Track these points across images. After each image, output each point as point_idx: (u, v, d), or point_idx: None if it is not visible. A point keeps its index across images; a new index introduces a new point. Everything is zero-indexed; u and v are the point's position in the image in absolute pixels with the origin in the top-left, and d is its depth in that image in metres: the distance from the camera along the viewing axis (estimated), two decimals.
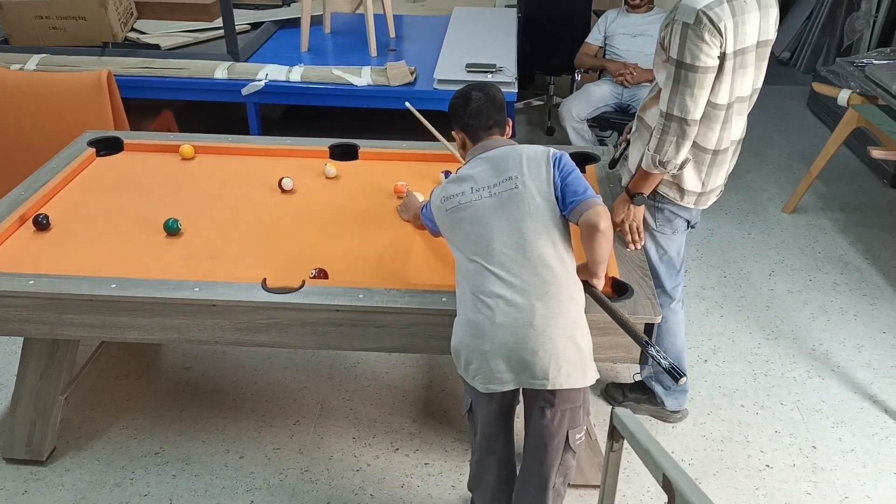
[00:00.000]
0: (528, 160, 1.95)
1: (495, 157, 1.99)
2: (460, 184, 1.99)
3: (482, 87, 2.09)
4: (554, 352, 1.80)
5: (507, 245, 1.87)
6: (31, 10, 3.82)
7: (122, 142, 3.00)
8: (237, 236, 2.44)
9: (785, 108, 5.70)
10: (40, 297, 2.13)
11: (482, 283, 1.86)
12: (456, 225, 1.97)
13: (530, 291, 1.82)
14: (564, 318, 1.83)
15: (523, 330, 1.80)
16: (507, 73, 3.60)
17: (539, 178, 1.93)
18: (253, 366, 3.02)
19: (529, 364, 1.80)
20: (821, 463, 2.61)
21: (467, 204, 1.95)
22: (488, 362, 1.83)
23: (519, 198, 1.91)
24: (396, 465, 2.58)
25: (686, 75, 2.10)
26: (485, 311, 1.83)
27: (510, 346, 1.80)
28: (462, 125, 2.08)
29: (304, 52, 4.06)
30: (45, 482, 2.50)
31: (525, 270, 1.84)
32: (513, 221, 1.89)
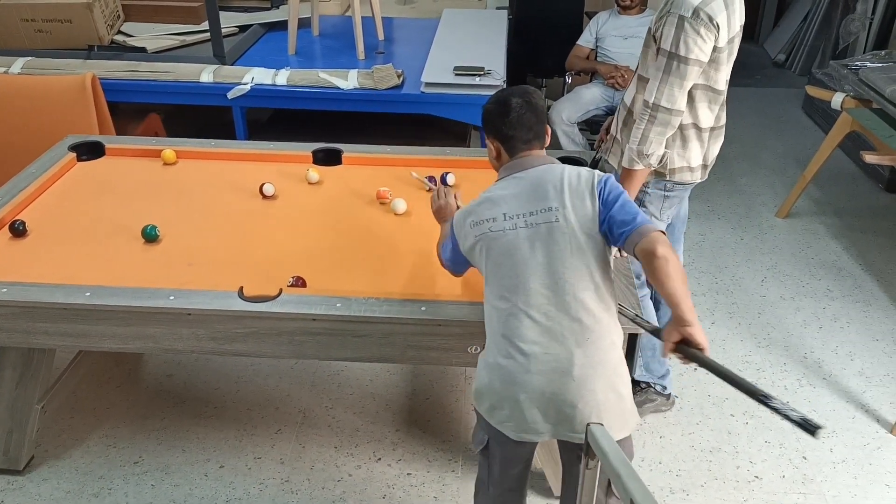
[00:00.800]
0: (570, 189, 1.75)
1: (533, 180, 1.79)
2: (492, 207, 1.80)
3: (523, 92, 1.87)
4: (595, 404, 1.67)
5: (544, 286, 1.70)
6: (16, 12, 3.78)
7: (104, 146, 2.96)
8: (216, 243, 2.40)
9: (780, 110, 5.67)
10: (13, 306, 2.09)
11: (516, 327, 1.70)
12: (485, 255, 1.79)
13: (569, 338, 1.67)
14: (605, 366, 1.69)
15: (561, 380, 1.66)
16: (495, 75, 3.56)
17: (583, 211, 1.73)
18: (236, 373, 2.98)
19: (568, 417, 1.68)
20: (811, 474, 2.57)
21: (499, 233, 1.76)
22: (522, 412, 1.70)
23: (560, 233, 1.72)
24: (378, 476, 2.54)
25: (678, 66, 2.13)
26: (518, 358, 1.69)
27: (547, 396, 1.67)
28: (499, 135, 1.87)
29: (292, 55, 4.02)
30: (21, 492, 2.46)
31: (563, 315, 1.68)
32: (551, 259, 1.71)
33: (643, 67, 2.32)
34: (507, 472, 1.89)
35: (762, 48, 7.01)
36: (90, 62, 3.72)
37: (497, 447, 1.84)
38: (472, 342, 2.03)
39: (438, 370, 3.00)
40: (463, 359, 2.06)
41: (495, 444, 1.84)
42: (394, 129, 3.84)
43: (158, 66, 3.69)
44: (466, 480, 2.51)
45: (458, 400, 2.86)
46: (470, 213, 1.85)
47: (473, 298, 2.07)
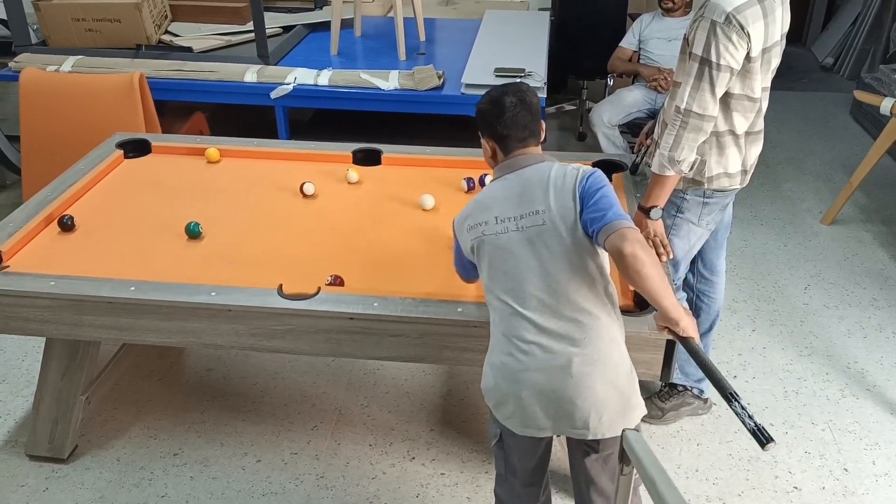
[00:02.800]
0: (555, 190, 1.76)
1: (523, 181, 1.80)
2: (484, 210, 1.82)
3: (516, 90, 1.87)
4: (594, 400, 1.68)
5: (539, 288, 1.71)
6: (68, 12, 3.88)
7: (150, 144, 3.02)
8: (256, 241, 2.44)
9: (827, 115, 5.55)
10: (61, 299, 2.15)
11: (516, 328, 1.73)
12: (481, 257, 1.82)
13: (566, 338, 1.69)
14: (604, 363, 1.70)
15: (560, 378, 1.68)
16: (536, 77, 3.55)
17: (566, 212, 1.74)
18: (274, 369, 3.02)
19: (568, 413, 1.70)
20: (852, 486, 2.52)
21: (493, 236, 1.78)
22: (525, 409, 1.72)
23: (548, 235, 1.73)
24: (412, 475, 2.55)
25: (709, 72, 2.10)
26: (519, 357, 1.71)
27: (547, 394, 1.70)
28: (493, 135, 1.87)
29: (334, 55, 4.06)
30: (65, 480, 2.53)
31: (559, 316, 1.70)
32: (543, 262, 1.72)
33: (678, 71, 2.28)
34: (522, 466, 1.91)
35: (809, 51, 6.87)
36: (138, 61, 3.80)
37: (510, 440, 1.87)
38: None
39: (473, 371, 3.00)
40: None
41: (508, 437, 1.87)
42: (433, 130, 3.85)
43: (204, 66, 3.76)
44: None
45: None
46: (466, 216, 1.87)
47: None
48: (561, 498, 2.46)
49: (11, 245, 2.33)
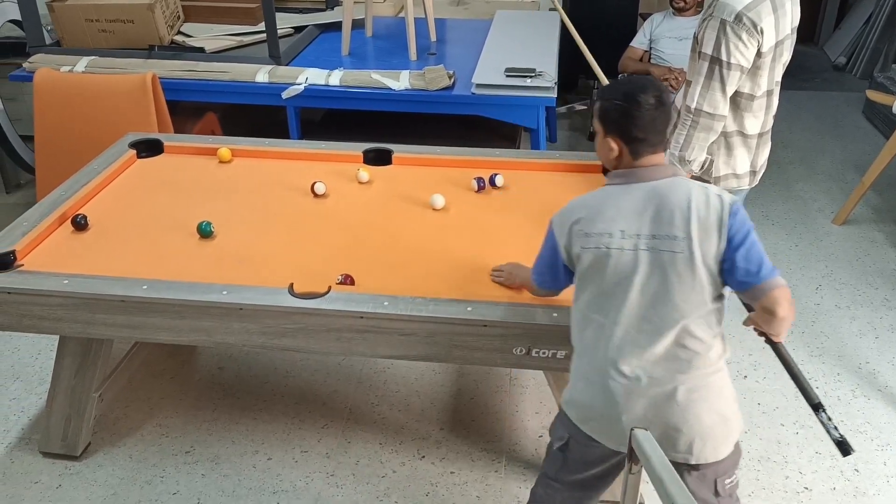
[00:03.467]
0: (698, 219, 1.63)
1: (655, 197, 1.66)
2: (604, 220, 1.68)
3: (654, 86, 1.69)
4: (699, 428, 1.65)
5: (655, 313, 1.63)
6: (82, 12, 3.91)
7: (163, 144, 3.05)
8: (267, 240, 2.45)
9: (839, 115, 5.52)
10: (74, 297, 2.17)
11: (620, 350, 1.65)
12: (591, 268, 1.69)
13: (674, 365, 1.64)
14: (709, 389, 1.65)
15: (666, 405, 1.64)
16: (546, 77, 3.56)
17: (709, 246, 1.63)
18: (285, 368, 3.04)
19: (672, 439, 1.66)
20: (863, 487, 2.51)
21: (617, 251, 1.65)
22: (623, 431, 1.63)
23: (682, 264, 1.62)
24: (422, 473, 2.56)
25: (719, 71, 2.13)
26: (621, 381, 1.65)
27: (650, 419, 1.65)
28: (625, 136, 1.69)
29: (345, 55, 4.07)
30: (78, 477, 2.55)
31: (671, 342, 1.64)
32: (668, 288, 1.63)
33: (689, 69, 2.30)
34: (585, 472, 1.85)
35: (822, 50, 6.84)
36: (151, 62, 3.82)
37: (579, 448, 1.80)
38: (517, 344, 2.03)
39: (483, 370, 3.01)
40: (508, 360, 2.07)
41: (577, 445, 1.80)
42: (444, 130, 3.86)
43: (216, 66, 3.78)
44: (509, 481, 2.52)
45: (502, 401, 2.86)
46: (577, 220, 1.72)
47: (519, 300, 2.08)
48: None
49: (26, 244, 2.35)
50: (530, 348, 2.03)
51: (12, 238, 2.37)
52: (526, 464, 2.58)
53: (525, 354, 2.04)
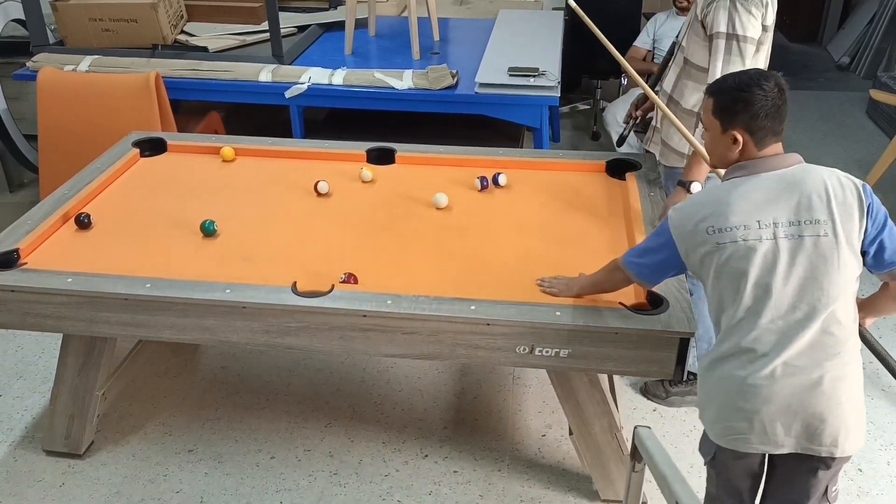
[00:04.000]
0: (837, 201, 1.64)
1: (788, 183, 1.67)
2: (740, 214, 1.66)
3: (774, 75, 1.72)
4: (843, 418, 1.63)
5: (801, 300, 1.62)
6: (85, 12, 3.92)
7: (166, 143, 3.05)
8: (271, 239, 2.45)
9: (843, 115, 5.51)
10: (77, 296, 2.17)
11: (761, 338, 1.63)
12: (727, 263, 1.66)
13: (820, 352, 1.62)
14: (851, 378, 1.65)
15: (810, 394, 1.61)
16: (550, 76, 3.55)
17: (851, 226, 1.64)
18: (288, 366, 3.04)
19: (817, 431, 1.63)
20: (866, 487, 2.50)
21: (755, 241, 1.64)
22: (764, 426, 1.64)
23: (827, 248, 1.63)
24: (425, 472, 2.56)
25: (736, 46, 2.25)
26: (764, 371, 1.62)
27: (794, 409, 1.62)
28: (750, 126, 1.69)
29: (348, 55, 4.07)
30: (81, 475, 2.56)
31: (817, 329, 1.62)
32: (815, 274, 1.62)
33: (690, 53, 2.41)
34: (742, 487, 1.82)
35: (825, 50, 6.83)
36: (154, 61, 3.83)
37: (727, 460, 1.78)
38: (520, 342, 2.03)
39: (486, 369, 3.01)
40: (511, 359, 2.07)
41: (723, 457, 1.77)
42: (447, 129, 3.86)
43: (219, 66, 3.78)
44: (512, 480, 2.52)
45: (505, 400, 2.86)
46: (703, 217, 1.69)
47: (522, 299, 2.08)
48: None
49: (29, 242, 2.36)
50: (534, 347, 2.03)
51: (16, 236, 2.38)
52: (529, 463, 2.58)
53: (528, 353, 2.04)
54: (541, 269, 2.26)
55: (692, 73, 2.45)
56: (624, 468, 2.34)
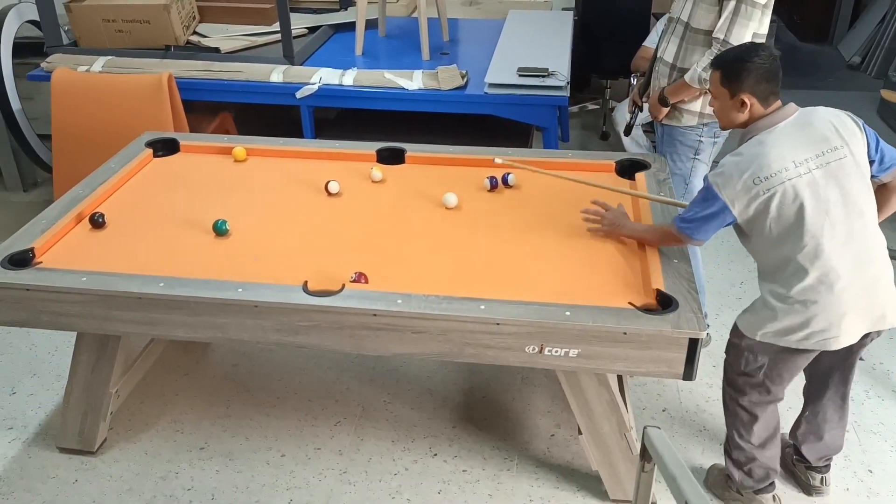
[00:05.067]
0: (843, 129, 2.01)
1: (802, 126, 2.01)
2: (778, 159, 1.97)
3: (765, 45, 2.12)
4: (892, 297, 2.04)
5: (846, 213, 1.96)
6: (99, 13, 3.95)
7: (179, 143, 3.08)
8: (282, 238, 2.47)
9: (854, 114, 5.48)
10: (91, 294, 2.20)
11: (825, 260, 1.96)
12: (780, 207, 1.97)
13: (870, 251, 2.00)
14: (889, 261, 2.05)
15: (875, 288, 2.00)
16: (559, 77, 3.56)
17: (858, 144, 2.01)
18: (298, 364, 3.06)
19: (879, 314, 2.02)
20: (876, 488, 2.50)
21: (796, 178, 1.96)
22: (843, 327, 2.00)
23: (850, 166, 1.98)
24: (434, 471, 2.57)
25: (747, 10, 2.51)
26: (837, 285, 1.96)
27: (864, 307, 1.99)
28: (756, 88, 2.03)
29: (359, 55, 4.09)
30: (94, 472, 2.58)
31: (864, 233, 1.99)
32: (847, 191, 1.97)
33: (695, 20, 2.65)
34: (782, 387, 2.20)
35: (836, 50, 6.80)
36: (167, 61, 3.86)
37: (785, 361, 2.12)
38: (529, 342, 2.04)
39: (495, 368, 3.02)
40: (520, 358, 2.08)
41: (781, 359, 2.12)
42: (456, 129, 3.87)
43: (231, 66, 3.81)
44: (521, 480, 2.53)
45: (514, 399, 2.87)
46: (747, 172, 1.98)
47: (532, 298, 2.09)
48: None
49: (44, 242, 2.39)
50: (543, 347, 2.04)
51: (31, 236, 2.41)
52: (538, 462, 2.59)
53: (538, 353, 2.05)
54: (550, 269, 2.27)
55: (697, 39, 2.68)
56: (633, 468, 2.35)
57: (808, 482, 2.44)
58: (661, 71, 2.86)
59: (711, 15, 2.62)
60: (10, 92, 4.07)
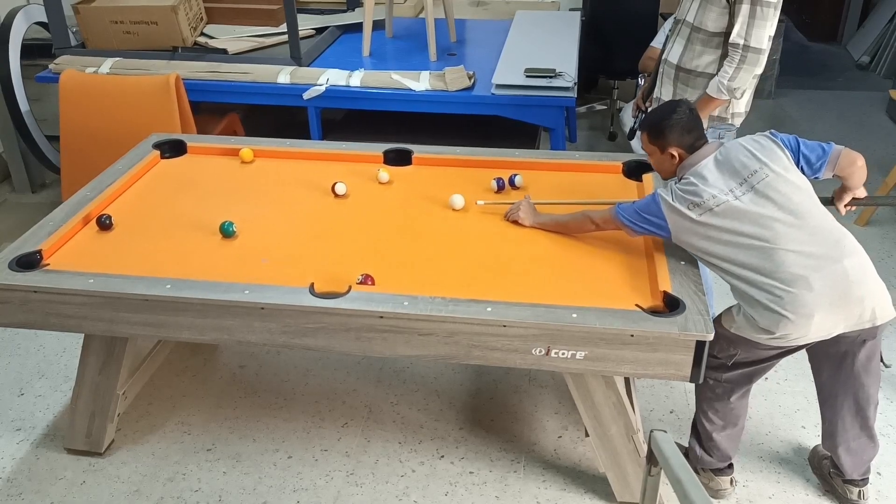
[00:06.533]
0: (758, 150, 2.13)
1: (724, 160, 2.14)
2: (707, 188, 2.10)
3: (682, 101, 2.29)
4: (871, 294, 2.04)
5: (793, 222, 2.03)
6: (107, 14, 3.96)
7: (186, 144, 3.08)
8: (289, 240, 2.47)
9: (862, 114, 5.46)
10: (98, 296, 2.20)
11: (780, 266, 2.01)
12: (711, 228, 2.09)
13: (838, 249, 2.03)
14: (865, 259, 2.08)
15: (844, 287, 2.01)
16: (566, 77, 3.55)
17: (779, 158, 2.12)
18: (305, 366, 3.06)
19: (856, 312, 2.03)
20: (885, 490, 2.48)
21: (726, 203, 2.08)
22: (818, 325, 2.03)
23: (777, 181, 2.08)
24: (441, 473, 2.57)
25: (763, 11, 2.52)
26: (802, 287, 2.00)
27: (837, 304, 2.01)
28: (681, 141, 2.21)
29: (366, 56, 4.10)
30: (102, 473, 2.59)
31: (821, 235, 2.04)
32: (783, 203, 2.05)
33: (702, 22, 2.67)
34: (750, 377, 2.27)
35: (845, 49, 6.77)
36: (174, 63, 3.87)
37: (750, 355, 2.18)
38: (536, 344, 2.04)
39: (502, 370, 3.01)
40: (527, 360, 2.07)
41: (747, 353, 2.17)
42: (464, 130, 3.87)
43: (238, 68, 3.82)
44: (528, 482, 2.52)
45: (521, 400, 2.87)
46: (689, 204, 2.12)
47: (539, 300, 2.08)
48: None
49: (52, 244, 2.39)
50: (550, 349, 2.03)
51: (38, 238, 2.41)
52: (545, 464, 2.59)
53: (545, 355, 2.04)
54: (556, 271, 2.27)
55: (703, 40, 2.71)
56: (641, 470, 2.34)
57: (845, 495, 2.41)
58: (665, 72, 2.88)
59: (722, 18, 2.63)
60: (19, 94, 4.08)
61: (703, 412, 2.37)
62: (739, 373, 2.25)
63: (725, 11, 2.61)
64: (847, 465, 2.36)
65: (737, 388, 2.29)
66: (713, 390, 2.31)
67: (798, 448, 2.65)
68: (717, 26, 2.65)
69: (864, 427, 2.31)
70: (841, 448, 2.35)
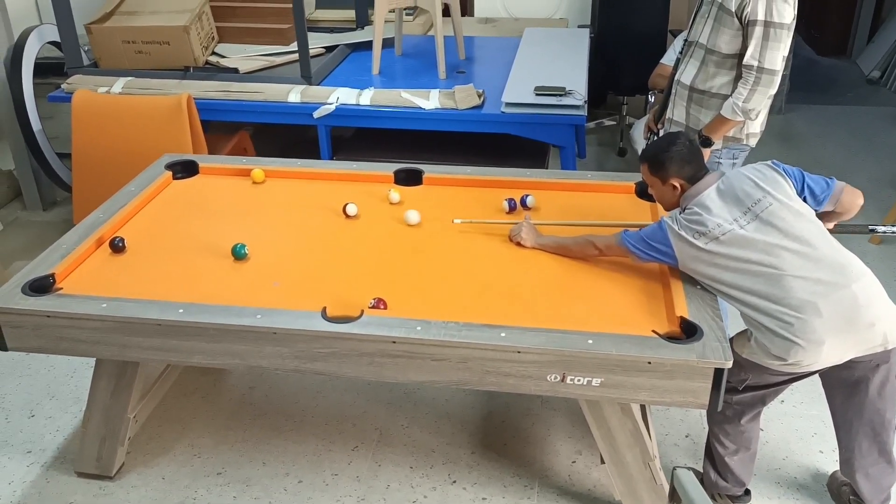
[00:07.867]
0: (761, 180, 2.15)
1: (727, 189, 2.16)
2: (712, 218, 2.12)
3: (681, 133, 2.35)
4: (881, 318, 2.02)
5: (798, 249, 2.04)
6: (119, 34, 3.98)
7: (198, 165, 3.08)
8: (301, 262, 2.46)
9: (873, 130, 5.43)
10: (110, 321, 2.19)
11: (789, 292, 2.01)
12: (718, 256, 2.10)
13: (841, 279, 2.02)
14: (875, 282, 2.07)
15: (854, 311, 2.00)
16: (576, 95, 3.54)
17: (782, 188, 2.14)
18: (315, 388, 3.04)
19: (867, 337, 2.02)
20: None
21: (731, 232, 2.09)
22: (828, 352, 2.02)
23: (780, 209, 2.09)
24: (453, 499, 2.54)
25: (776, 33, 2.52)
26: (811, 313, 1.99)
27: (847, 329, 2.00)
28: (681, 172, 2.23)
29: (376, 74, 4.10)
30: (112, 497, 2.57)
31: (826, 261, 2.03)
32: (787, 231, 2.06)
33: (715, 43, 2.67)
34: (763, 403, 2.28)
35: (855, 64, 6.75)
36: (185, 82, 3.88)
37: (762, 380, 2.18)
38: (551, 370, 2.01)
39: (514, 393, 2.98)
40: (542, 387, 2.05)
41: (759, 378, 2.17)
42: (473, 148, 3.86)
43: (249, 87, 3.82)
44: None
45: (533, 424, 2.84)
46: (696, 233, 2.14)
47: (553, 326, 2.06)
48: None
49: (64, 267, 2.38)
50: (565, 375, 2.01)
51: (51, 261, 2.41)
52: (559, 490, 2.56)
53: (560, 381, 2.02)
54: (569, 295, 2.25)
55: (717, 62, 2.71)
56: (657, 498, 2.31)
57: None
58: (679, 93, 2.88)
59: (736, 40, 2.63)
60: (31, 113, 4.11)
61: (715, 436, 2.37)
62: (751, 395, 2.25)
63: (739, 33, 2.61)
64: (866, 492, 2.33)
65: (747, 410, 2.29)
66: (723, 413, 2.29)
67: (816, 474, 2.61)
68: (731, 48, 2.65)
69: (883, 452, 2.28)
70: (859, 474, 2.31)
